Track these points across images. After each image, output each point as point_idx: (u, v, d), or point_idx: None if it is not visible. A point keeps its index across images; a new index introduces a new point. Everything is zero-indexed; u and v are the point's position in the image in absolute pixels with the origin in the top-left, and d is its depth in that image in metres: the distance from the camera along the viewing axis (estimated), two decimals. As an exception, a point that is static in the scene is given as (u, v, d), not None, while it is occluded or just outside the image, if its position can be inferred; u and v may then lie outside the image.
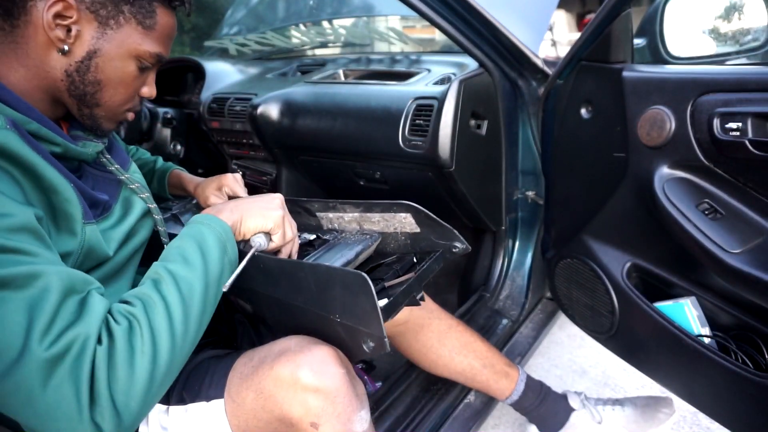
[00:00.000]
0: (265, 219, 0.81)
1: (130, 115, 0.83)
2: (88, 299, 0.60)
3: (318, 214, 0.97)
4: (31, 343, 0.54)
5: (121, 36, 0.73)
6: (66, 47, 0.70)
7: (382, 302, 0.78)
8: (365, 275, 0.69)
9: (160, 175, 1.17)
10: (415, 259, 0.93)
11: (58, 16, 0.69)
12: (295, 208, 0.97)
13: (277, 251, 0.86)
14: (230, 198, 1.05)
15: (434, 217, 0.86)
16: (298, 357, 0.74)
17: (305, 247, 0.94)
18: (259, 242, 0.80)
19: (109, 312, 0.62)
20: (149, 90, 0.82)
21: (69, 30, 0.70)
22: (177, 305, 0.65)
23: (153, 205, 0.86)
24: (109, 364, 0.57)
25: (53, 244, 0.66)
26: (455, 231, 0.87)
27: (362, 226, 0.94)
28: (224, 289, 0.73)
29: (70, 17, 0.69)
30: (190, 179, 1.13)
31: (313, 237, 0.97)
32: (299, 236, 0.93)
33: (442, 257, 0.90)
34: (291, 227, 0.85)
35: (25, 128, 0.66)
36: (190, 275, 0.69)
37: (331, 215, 0.97)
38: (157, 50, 0.77)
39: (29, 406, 0.54)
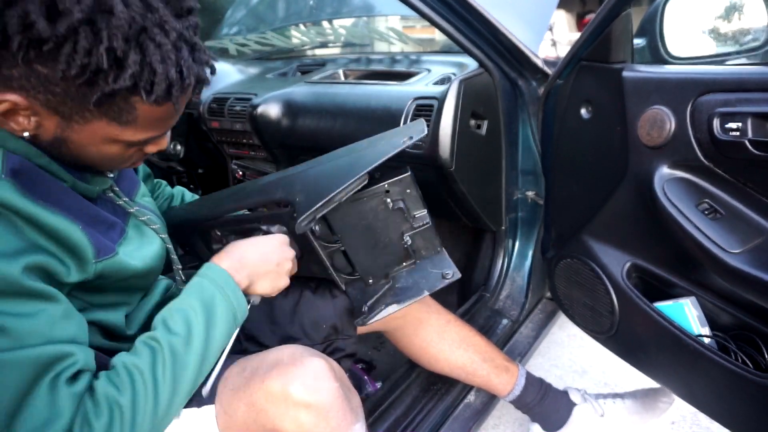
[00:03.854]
0: (272, 289, 0.81)
1: (138, 164, 0.77)
2: (59, 387, 0.58)
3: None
4: None
5: (92, 128, 0.63)
6: (27, 134, 0.62)
7: None
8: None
9: None
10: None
11: (8, 114, 0.59)
12: None
13: None
14: None
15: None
16: (289, 370, 0.73)
17: None
18: (254, 302, 0.81)
19: (93, 394, 0.61)
20: (156, 148, 0.73)
21: (28, 120, 0.61)
22: (166, 391, 0.64)
23: (164, 236, 0.85)
24: None
25: (72, 273, 0.64)
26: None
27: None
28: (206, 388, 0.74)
29: (26, 111, 0.60)
30: None
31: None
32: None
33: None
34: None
35: (36, 162, 0.64)
36: (188, 357, 0.67)
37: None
38: (145, 137, 0.66)
39: None
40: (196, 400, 0.77)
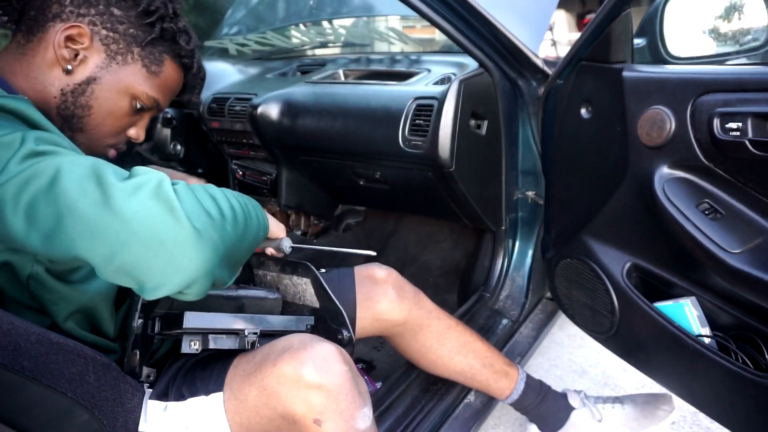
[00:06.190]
0: (278, 228, 0.85)
1: (111, 152, 0.85)
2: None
3: (254, 269, 0.96)
4: (108, 182, 0.55)
5: (124, 72, 0.78)
6: (70, 67, 0.75)
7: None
8: None
9: None
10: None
11: (70, 39, 0.74)
12: None
13: None
14: None
15: (329, 292, 0.86)
16: (301, 354, 0.75)
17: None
18: (288, 245, 0.84)
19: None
20: (137, 132, 0.85)
21: (77, 54, 0.75)
22: (237, 197, 0.68)
23: None
24: (188, 192, 0.60)
25: None
26: (344, 315, 0.85)
27: (277, 287, 0.94)
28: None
29: (82, 44, 0.75)
30: None
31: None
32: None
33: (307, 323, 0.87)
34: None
35: None
36: (231, 198, 0.68)
37: (260, 272, 0.96)
38: (155, 95, 0.81)
39: (133, 239, 0.54)
40: (203, 388, 0.78)
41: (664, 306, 1.00)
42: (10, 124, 0.62)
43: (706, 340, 0.95)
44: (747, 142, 0.77)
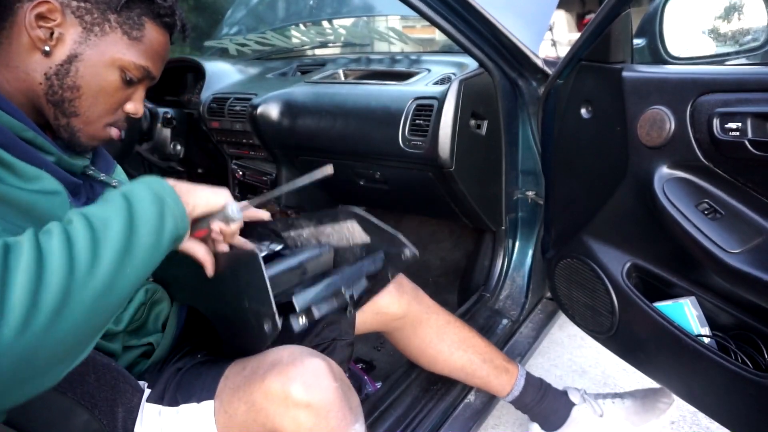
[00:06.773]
0: (215, 195, 0.73)
1: (114, 132, 0.79)
2: None
3: (283, 234, 0.93)
4: None
5: (105, 43, 0.72)
6: (47, 48, 0.69)
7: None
8: (256, 252, 0.69)
9: None
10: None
11: (41, 17, 0.68)
12: (264, 230, 0.93)
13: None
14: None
15: (377, 222, 0.83)
16: (289, 370, 0.73)
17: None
18: (234, 209, 0.72)
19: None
20: (134, 107, 0.79)
21: (52, 33, 0.69)
22: (81, 232, 0.53)
23: None
24: None
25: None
26: (401, 237, 0.83)
27: (319, 240, 0.91)
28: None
29: (54, 20, 0.69)
30: None
31: (279, 247, 0.91)
32: (267, 246, 0.89)
33: (381, 261, 0.84)
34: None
35: (22, 136, 0.66)
36: (105, 211, 0.57)
37: (292, 233, 0.93)
38: (143, 63, 0.75)
39: None
40: (195, 395, 0.77)
41: (664, 306, 1.00)
42: None
43: (706, 340, 0.95)
44: (746, 142, 0.77)
